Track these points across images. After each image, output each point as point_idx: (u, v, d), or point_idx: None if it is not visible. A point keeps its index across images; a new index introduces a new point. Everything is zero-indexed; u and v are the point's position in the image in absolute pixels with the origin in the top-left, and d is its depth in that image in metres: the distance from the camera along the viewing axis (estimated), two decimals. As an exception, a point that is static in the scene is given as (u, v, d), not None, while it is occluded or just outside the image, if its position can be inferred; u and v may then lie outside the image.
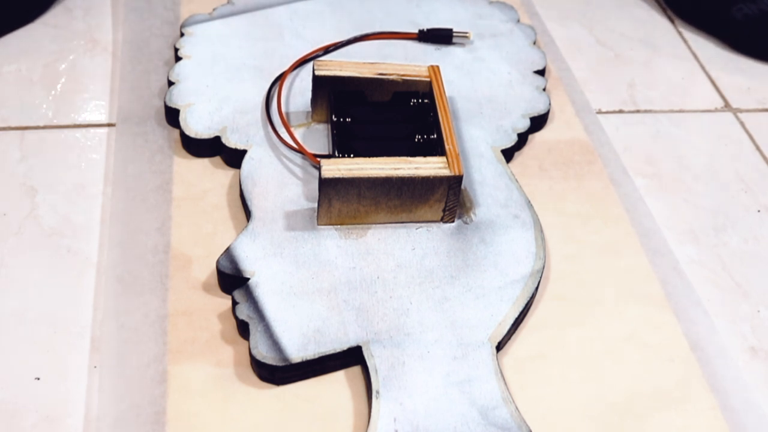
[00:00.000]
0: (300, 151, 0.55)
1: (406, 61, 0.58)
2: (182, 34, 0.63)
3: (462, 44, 0.65)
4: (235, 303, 0.47)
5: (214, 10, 0.65)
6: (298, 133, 0.56)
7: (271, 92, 0.59)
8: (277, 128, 0.56)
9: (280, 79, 0.59)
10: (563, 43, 0.71)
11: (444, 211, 0.52)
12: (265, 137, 0.56)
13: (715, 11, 0.72)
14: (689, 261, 0.55)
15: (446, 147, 0.51)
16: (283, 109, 0.57)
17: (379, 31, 0.65)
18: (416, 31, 0.65)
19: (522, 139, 0.59)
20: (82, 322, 0.47)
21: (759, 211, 0.60)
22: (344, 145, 0.52)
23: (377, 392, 0.44)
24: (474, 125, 0.59)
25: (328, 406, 0.44)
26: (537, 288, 0.50)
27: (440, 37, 0.65)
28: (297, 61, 0.61)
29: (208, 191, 0.54)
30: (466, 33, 0.65)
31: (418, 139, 0.53)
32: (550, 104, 0.62)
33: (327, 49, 0.62)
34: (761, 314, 0.53)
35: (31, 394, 0.44)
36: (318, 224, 0.51)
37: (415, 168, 0.50)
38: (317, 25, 0.64)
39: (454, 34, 0.65)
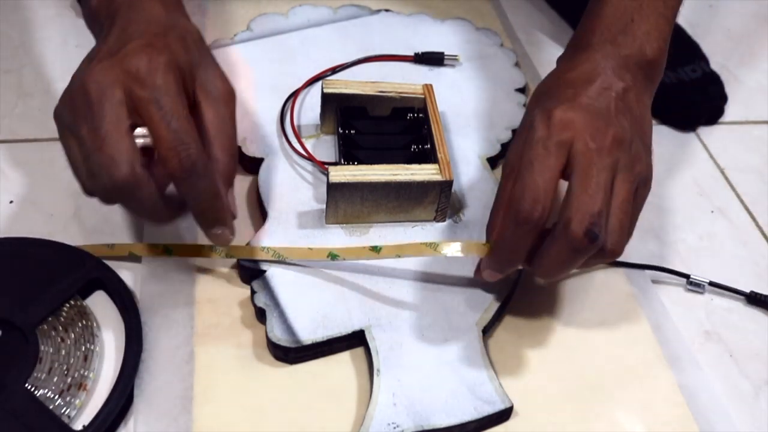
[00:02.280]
0: (310, 159, 0.55)
1: (403, 81, 0.58)
2: (207, 57, 0.63)
3: (452, 65, 0.65)
4: (253, 292, 0.47)
5: (235, 35, 0.65)
6: (308, 144, 0.56)
7: (285, 108, 0.58)
8: (290, 139, 0.56)
9: (293, 96, 0.59)
10: (540, 64, 0.71)
11: (436, 211, 0.52)
12: (280, 147, 0.56)
13: None
14: (651, 255, 0.55)
15: (438, 155, 0.51)
16: (295, 123, 0.57)
17: (379, 54, 0.64)
18: (412, 54, 0.65)
19: (505, 149, 0.59)
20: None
21: (712, 211, 0.60)
22: (349, 153, 0.52)
23: (378, 370, 0.44)
24: (463, 136, 0.59)
25: (335, 382, 0.45)
26: (518, 279, 0.50)
27: (433, 59, 0.65)
28: (308, 80, 0.61)
29: (230, 194, 0.54)
30: (456, 56, 0.65)
31: (413, 148, 0.53)
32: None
33: (334, 70, 0.62)
34: (713, 302, 0.53)
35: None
36: (326, 223, 0.51)
37: (411, 174, 0.50)
38: (325, 49, 0.64)
39: (446, 56, 0.65)
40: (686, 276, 0.53)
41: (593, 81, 0.44)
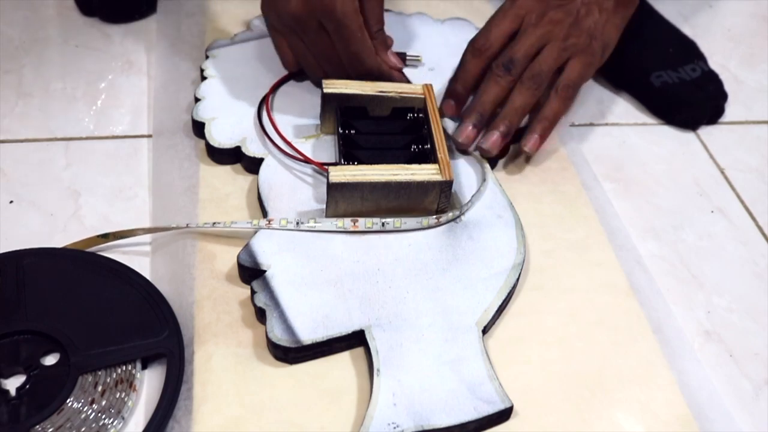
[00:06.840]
0: (307, 161, 0.54)
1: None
2: (207, 57, 0.63)
3: (414, 66, 0.64)
4: (253, 292, 0.47)
5: (235, 35, 0.65)
6: (308, 144, 0.56)
7: (261, 110, 0.58)
8: (275, 139, 0.55)
9: (263, 101, 0.58)
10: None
11: (436, 211, 0.52)
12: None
13: (636, 77, 0.68)
14: (651, 255, 0.55)
15: (438, 155, 0.51)
16: (295, 123, 0.57)
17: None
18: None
19: (505, 149, 0.59)
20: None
21: (712, 211, 0.60)
22: (349, 153, 0.52)
23: (378, 370, 0.44)
24: (463, 136, 0.59)
25: (335, 382, 0.45)
26: (518, 279, 0.50)
27: None
28: (271, 86, 0.60)
29: (230, 194, 0.54)
30: (418, 56, 0.64)
31: (413, 148, 0.53)
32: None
33: (284, 80, 0.61)
34: (714, 302, 0.53)
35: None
36: (326, 223, 0.51)
37: (411, 174, 0.50)
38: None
39: (408, 57, 0.63)
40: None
41: None
